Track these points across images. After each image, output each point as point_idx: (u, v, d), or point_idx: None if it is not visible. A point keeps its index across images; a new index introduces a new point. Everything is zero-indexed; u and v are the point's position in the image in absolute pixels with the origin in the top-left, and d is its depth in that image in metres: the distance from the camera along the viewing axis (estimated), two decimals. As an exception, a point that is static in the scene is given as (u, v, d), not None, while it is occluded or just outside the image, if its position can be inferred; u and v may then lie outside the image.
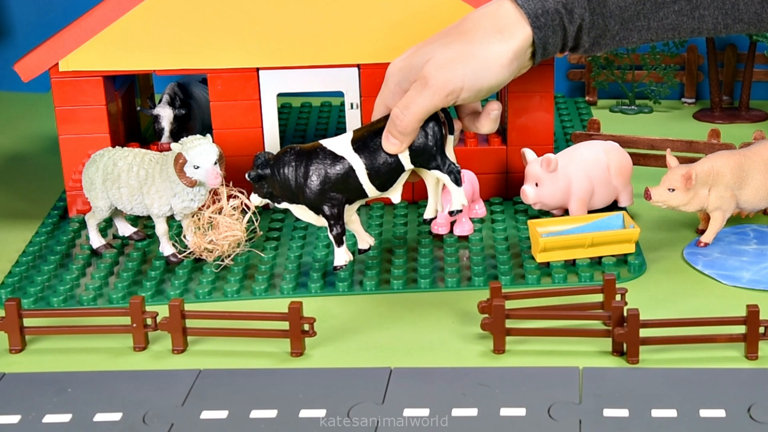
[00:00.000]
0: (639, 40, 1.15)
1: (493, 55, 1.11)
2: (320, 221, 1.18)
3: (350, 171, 1.15)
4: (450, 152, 1.17)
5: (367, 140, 1.15)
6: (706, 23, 1.14)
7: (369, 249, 1.22)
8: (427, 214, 1.20)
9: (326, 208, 1.17)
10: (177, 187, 1.23)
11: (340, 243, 1.18)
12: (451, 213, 1.17)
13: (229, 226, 1.25)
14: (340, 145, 1.16)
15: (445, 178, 1.16)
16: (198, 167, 1.21)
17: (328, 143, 1.16)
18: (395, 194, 1.18)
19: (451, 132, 1.16)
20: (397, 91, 1.14)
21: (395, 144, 1.13)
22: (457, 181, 1.16)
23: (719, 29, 1.14)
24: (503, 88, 1.42)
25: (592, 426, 0.97)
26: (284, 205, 1.18)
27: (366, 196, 1.17)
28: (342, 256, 1.19)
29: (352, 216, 1.20)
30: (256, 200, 1.19)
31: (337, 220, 1.17)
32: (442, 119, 1.15)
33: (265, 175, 1.16)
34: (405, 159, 1.15)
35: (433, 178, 1.17)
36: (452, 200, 1.17)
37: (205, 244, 1.26)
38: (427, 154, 1.15)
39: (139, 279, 1.25)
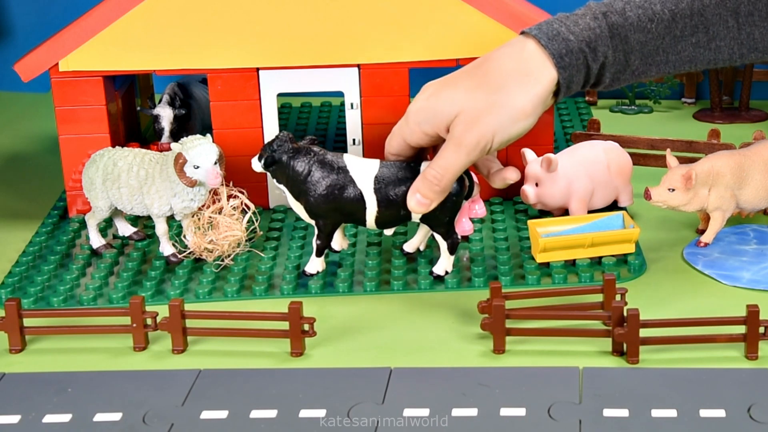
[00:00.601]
0: (657, 73, 1.16)
1: (521, 103, 1.10)
2: (307, 218, 1.20)
3: (361, 206, 1.18)
4: (463, 214, 1.22)
5: (389, 187, 1.17)
6: (722, 54, 1.14)
7: (339, 251, 1.25)
8: (407, 247, 1.25)
9: (321, 221, 1.19)
10: (177, 187, 1.23)
11: (319, 254, 1.22)
12: (431, 272, 1.22)
13: (229, 226, 1.25)
14: (364, 176, 1.18)
15: (443, 245, 1.20)
16: (198, 167, 1.21)
17: (353, 165, 1.18)
18: (389, 231, 1.23)
19: (468, 197, 1.19)
20: (416, 131, 1.14)
21: (425, 204, 1.14)
22: (452, 249, 1.20)
23: (735, 59, 1.15)
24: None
25: (592, 426, 0.97)
26: (282, 188, 1.20)
27: (364, 225, 1.20)
28: (315, 265, 1.23)
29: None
30: (257, 166, 1.20)
31: (326, 234, 1.21)
32: (465, 184, 1.17)
33: (280, 159, 1.18)
34: (415, 215, 1.18)
35: (428, 228, 1.21)
36: (438, 263, 1.21)
37: (205, 244, 1.26)
38: (437, 220, 1.18)
39: (139, 279, 1.25)
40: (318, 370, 1.08)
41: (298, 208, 1.20)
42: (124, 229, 1.33)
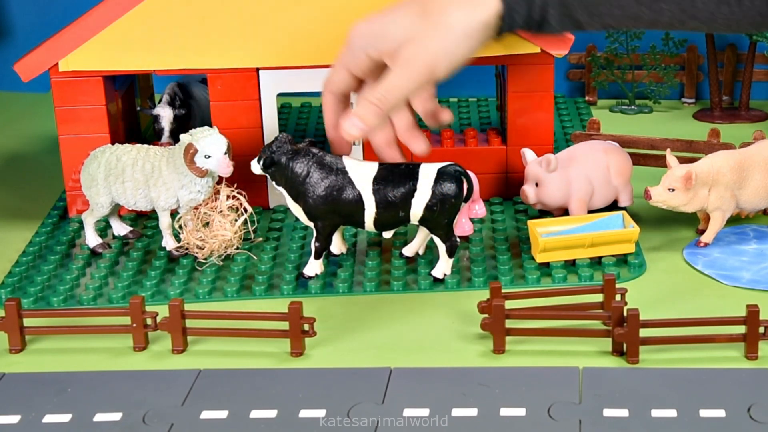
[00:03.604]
0: (601, 25, 1.16)
1: (463, 24, 1.12)
2: (306, 220, 1.20)
3: (360, 208, 1.18)
4: (464, 214, 1.22)
5: (388, 188, 1.17)
6: (663, 16, 1.15)
7: (339, 255, 1.25)
8: (406, 252, 1.25)
9: (319, 223, 1.19)
10: (185, 179, 1.24)
11: (318, 256, 1.22)
12: (429, 273, 1.22)
13: (221, 226, 1.26)
14: (363, 177, 1.18)
15: (441, 248, 1.20)
16: (209, 156, 1.22)
17: (352, 167, 1.18)
18: (388, 234, 1.22)
19: (467, 199, 1.19)
20: (360, 56, 1.14)
21: (359, 127, 1.12)
22: (451, 253, 1.20)
23: (674, 24, 1.16)
24: (503, 88, 1.43)
25: (592, 426, 0.97)
26: (280, 189, 1.20)
27: (363, 228, 1.20)
28: (314, 268, 1.22)
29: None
30: (256, 168, 1.20)
31: (324, 236, 1.20)
32: (464, 186, 1.17)
33: (278, 160, 1.18)
34: (414, 217, 1.18)
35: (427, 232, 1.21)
36: (437, 266, 1.21)
37: (195, 241, 1.26)
38: (435, 223, 1.18)
39: (139, 279, 1.25)
40: (318, 370, 1.08)
41: (297, 210, 1.20)
42: (119, 228, 1.33)
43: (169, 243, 1.28)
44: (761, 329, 1.07)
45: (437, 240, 1.20)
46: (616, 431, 0.97)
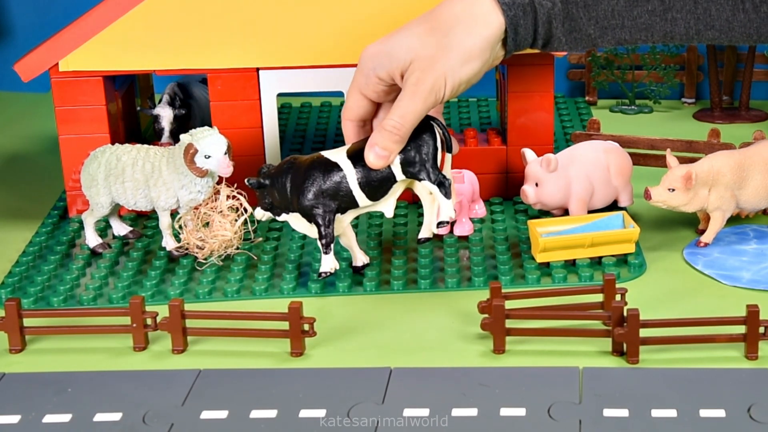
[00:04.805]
0: (613, 39, 1.16)
1: (468, 44, 1.12)
2: (313, 232, 1.19)
3: (343, 179, 1.16)
4: (447, 171, 1.17)
5: (361, 149, 1.16)
6: (678, 27, 1.14)
7: (363, 267, 1.24)
8: (423, 234, 1.21)
9: (318, 215, 1.18)
10: (185, 179, 1.24)
11: (327, 250, 1.20)
12: (438, 225, 1.18)
13: (221, 226, 1.26)
14: (336, 154, 1.18)
15: (434, 189, 1.17)
16: (209, 156, 1.22)
17: (325, 153, 1.18)
18: (388, 208, 1.19)
19: (449, 150, 1.17)
20: (371, 77, 1.14)
21: (384, 156, 1.14)
22: (447, 193, 1.17)
23: (691, 35, 1.15)
24: (503, 87, 1.43)
25: (592, 426, 0.97)
26: (283, 217, 1.20)
27: (358, 205, 1.18)
28: (329, 263, 1.20)
29: (347, 230, 1.22)
30: (259, 213, 1.21)
31: (327, 226, 1.19)
32: (440, 137, 1.16)
33: (264, 184, 1.18)
34: (396, 169, 1.16)
35: (426, 192, 1.18)
36: (440, 211, 1.17)
37: (195, 241, 1.26)
38: (417, 165, 1.16)
39: (139, 279, 1.25)
40: (318, 370, 1.08)
41: (299, 222, 1.20)
42: (119, 228, 1.33)
43: (169, 243, 1.28)
44: (761, 329, 1.07)
45: (428, 185, 1.17)
46: (616, 431, 0.97)
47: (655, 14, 1.14)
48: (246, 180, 1.19)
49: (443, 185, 1.16)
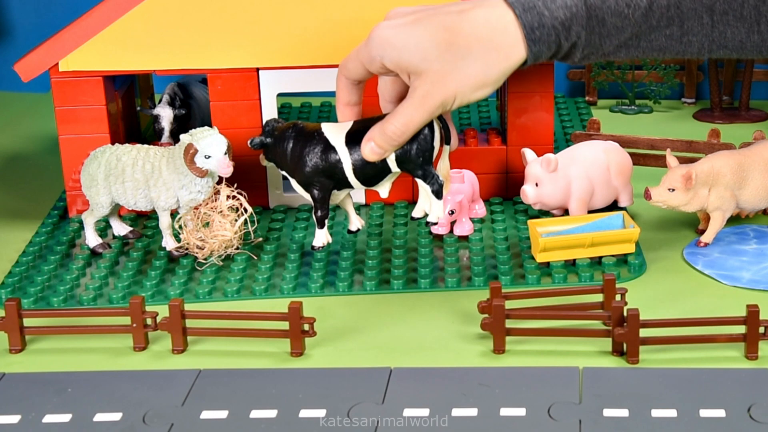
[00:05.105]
0: (626, 56, 1.16)
1: (485, 74, 1.11)
2: (303, 192, 1.22)
3: (338, 163, 1.18)
4: (445, 160, 1.18)
5: (361, 136, 1.16)
6: (692, 48, 1.15)
7: (357, 231, 1.26)
8: (415, 213, 1.22)
9: (314, 191, 1.20)
10: (185, 179, 1.24)
11: (321, 225, 1.23)
12: (426, 224, 1.20)
13: (221, 226, 1.26)
14: (336, 134, 1.19)
15: (427, 189, 1.18)
16: (209, 157, 1.22)
17: (327, 129, 1.20)
18: (383, 190, 1.21)
19: (447, 142, 1.17)
20: (376, 60, 1.13)
21: (378, 152, 1.16)
22: (438, 194, 1.18)
23: (703, 53, 1.16)
24: (503, 87, 1.43)
25: (592, 426, 0.97)
26: (284, 173, 1.22)
27: (352, 187, 1.20)
28: (321, 238, 1.24)
29: (344, 198, 1.24)
30: (263, 161, 1.24)
31: (322, 203, 1.21)
32: (439, 130, 1.16)
33: (267, 144, 1.21)
34: (392, 162, 1.17)
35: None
36: (431, 210, 1.19)
37: (195, 240, 1.26)
38: (412, 163, 1.17)
39: (139, 279, 1.25)
40: (318, 370, 1.08)
41: (295, 184, 1.22)
42: (119, 228, 1.33)
43: (169, 243, 1.28)
44: (761, 329, 1.07)
45: (421, 183, 1.18)
46: (616, 431, 0.97)
47: (672, 38, 1.14)
48: (249, 141, 1.21)
49: (435, 185, 1.18)
